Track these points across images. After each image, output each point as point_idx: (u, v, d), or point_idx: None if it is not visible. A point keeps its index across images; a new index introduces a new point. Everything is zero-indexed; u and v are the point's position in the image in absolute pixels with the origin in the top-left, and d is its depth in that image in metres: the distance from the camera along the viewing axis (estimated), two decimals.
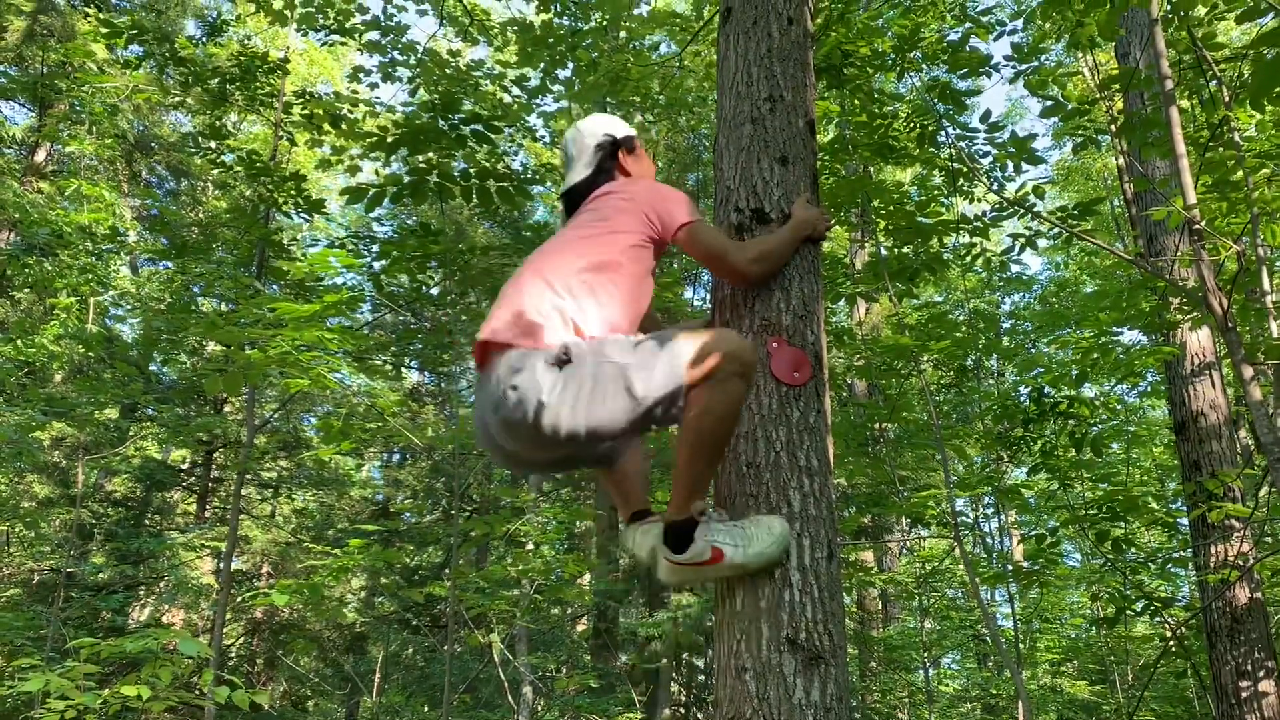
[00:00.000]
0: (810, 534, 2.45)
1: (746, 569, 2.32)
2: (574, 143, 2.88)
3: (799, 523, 2.45)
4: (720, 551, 2.29)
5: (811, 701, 2.24)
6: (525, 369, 2.24)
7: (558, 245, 2.55)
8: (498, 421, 2.30)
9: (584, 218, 2.61)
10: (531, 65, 7.22)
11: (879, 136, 6.08)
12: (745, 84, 3.10)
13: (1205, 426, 6.75)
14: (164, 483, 14.79)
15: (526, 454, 2.41)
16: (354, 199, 5.01)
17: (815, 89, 3.52)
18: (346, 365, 6.25)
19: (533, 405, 2.20)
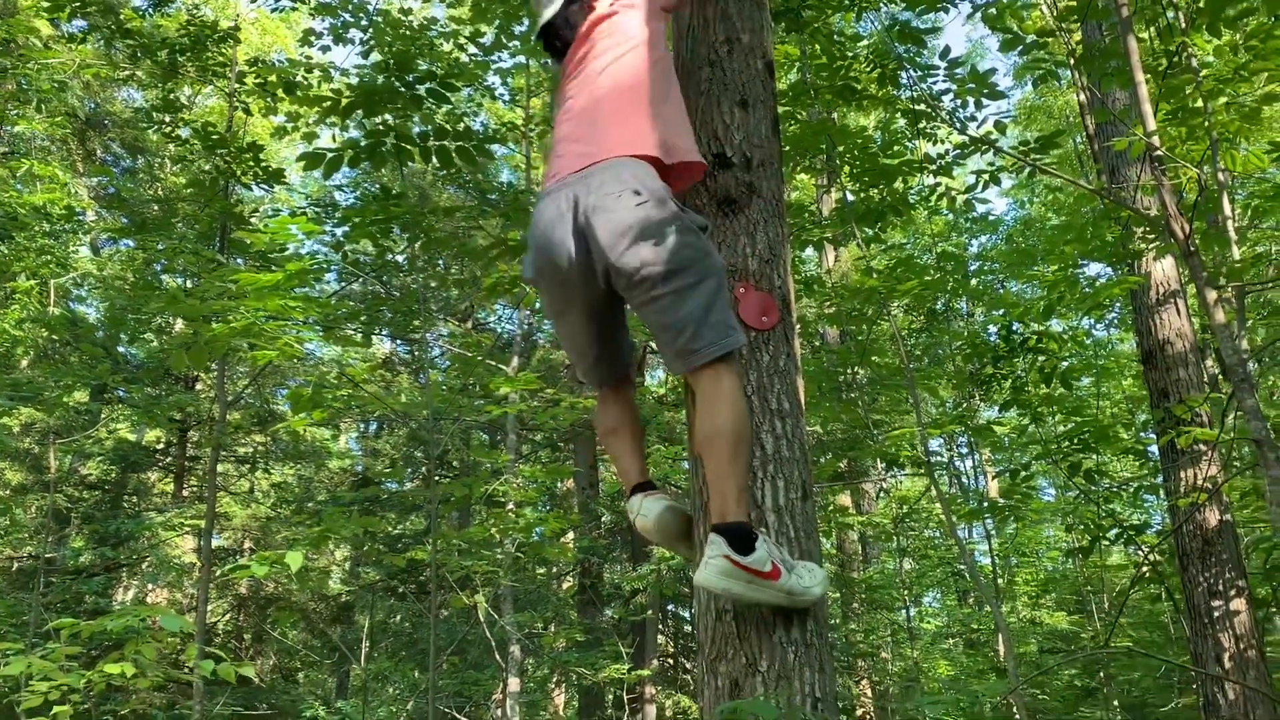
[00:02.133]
0: (784, 475, 2.46)
1: (793, 600, 2.20)
2: None
3: (772, 465, 2.46)
4: (778, 570, 2.16)
5: (792, 639, 2.27)
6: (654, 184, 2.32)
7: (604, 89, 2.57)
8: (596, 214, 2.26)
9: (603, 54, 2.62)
10: (485, 22, 7.10)
11: (840, 79, 6.04)
12: (701, 27, 3.06)
13: (1172, 354, 6.83)
14: (139, 464, 14.68)
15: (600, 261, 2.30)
16: (311, 165, 4.93)
17: (772, 30, 3.49)
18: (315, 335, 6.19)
19: (655, 217, 2.24)
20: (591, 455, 15.30)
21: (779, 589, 2.16)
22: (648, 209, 2.26)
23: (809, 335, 13.88)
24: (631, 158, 2.38)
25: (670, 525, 2.50)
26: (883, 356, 10.91)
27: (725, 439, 2.20)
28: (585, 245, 2.32)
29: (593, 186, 2.31)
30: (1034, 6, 6.19)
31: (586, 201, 2.30)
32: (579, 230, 2.32)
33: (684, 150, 2.53)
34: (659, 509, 2.48)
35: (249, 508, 16.20)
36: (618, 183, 2.29)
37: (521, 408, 8.50)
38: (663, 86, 2.59)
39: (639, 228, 2.24)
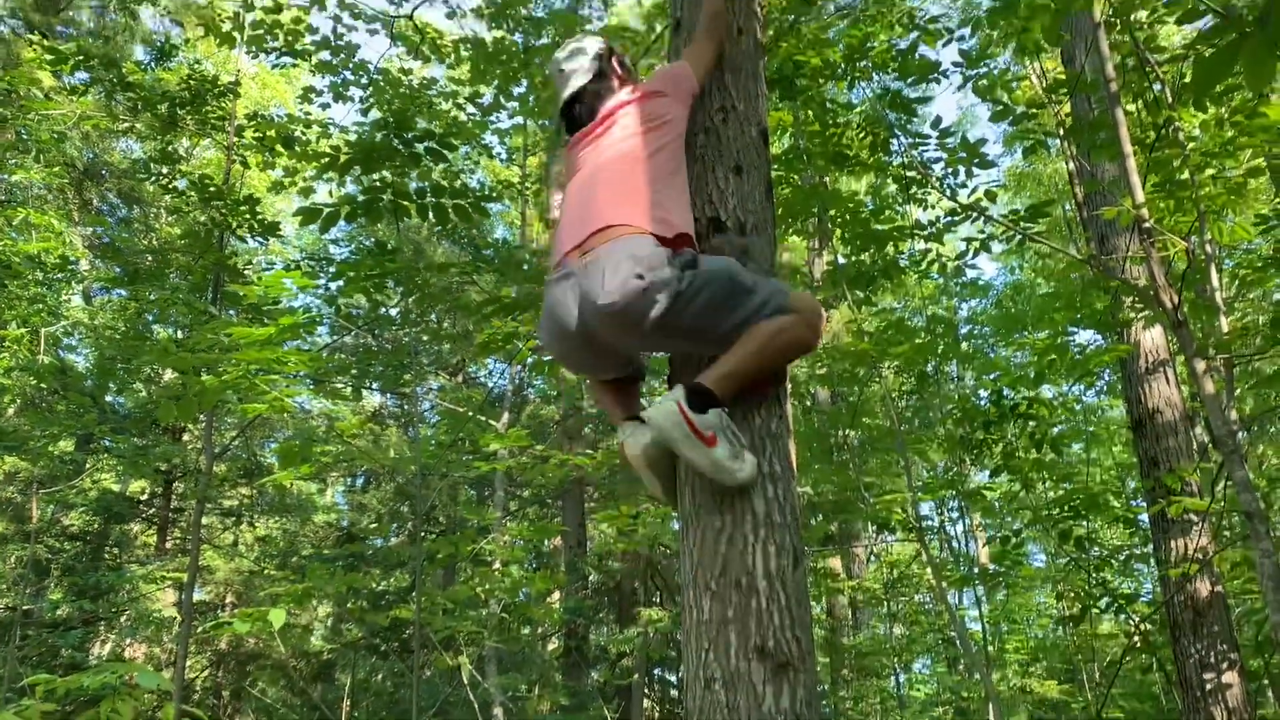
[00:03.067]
0: (775, 541, 2.44)
1: (719, 471, 2.34)
2: (565, 60, 3.08)
3: (764, 529, 2.44)
4: (715, 440, 2.32)
5: (781, 709, 2.23)
6: (648, 257, 2.40)
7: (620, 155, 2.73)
8: (609, 314, 2.38)
9: (621, 135, 2.78)
10: (485, 83, 7.20)
11: (832, 145, 6.13)
12: (697, 96, 3.11)
13: (1161, 423, 6.85)
14: (122, 515, 14.51)
15: (613, 344, 2.52)
16: (308, 220, 4.95)
17: (767, 99, 3.54)
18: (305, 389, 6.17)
19: (666, 295, 2.35)
20: (579, 513, 15.19)
21: (708, 455, 2.31)
22: (650, 291, 2.37)
23: (800, 395, 13.88)
24: (627, 235, 2.49)
25: (655, 457, 2.57)
26: (874, 418, 10.91)
27: (763, 334, 2.41)
28: (596, 335, 2.49)
29: (593, 279, 2.42)
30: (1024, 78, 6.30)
31: (593, 303, 2.42)
32: (586, 324, 2.48)
33: (680, 225, 2.61)
34: (647, 438, 2.53)
35: (232, 561, 15.98)
36: (616, 275, 2.39)
37: (510, 464, 8.46)
38: (668, 168, 2.71)
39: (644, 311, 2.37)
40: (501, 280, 8.59)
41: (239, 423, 12.75)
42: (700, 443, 2.30)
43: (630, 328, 2.41)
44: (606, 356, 2.65)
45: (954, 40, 5.89)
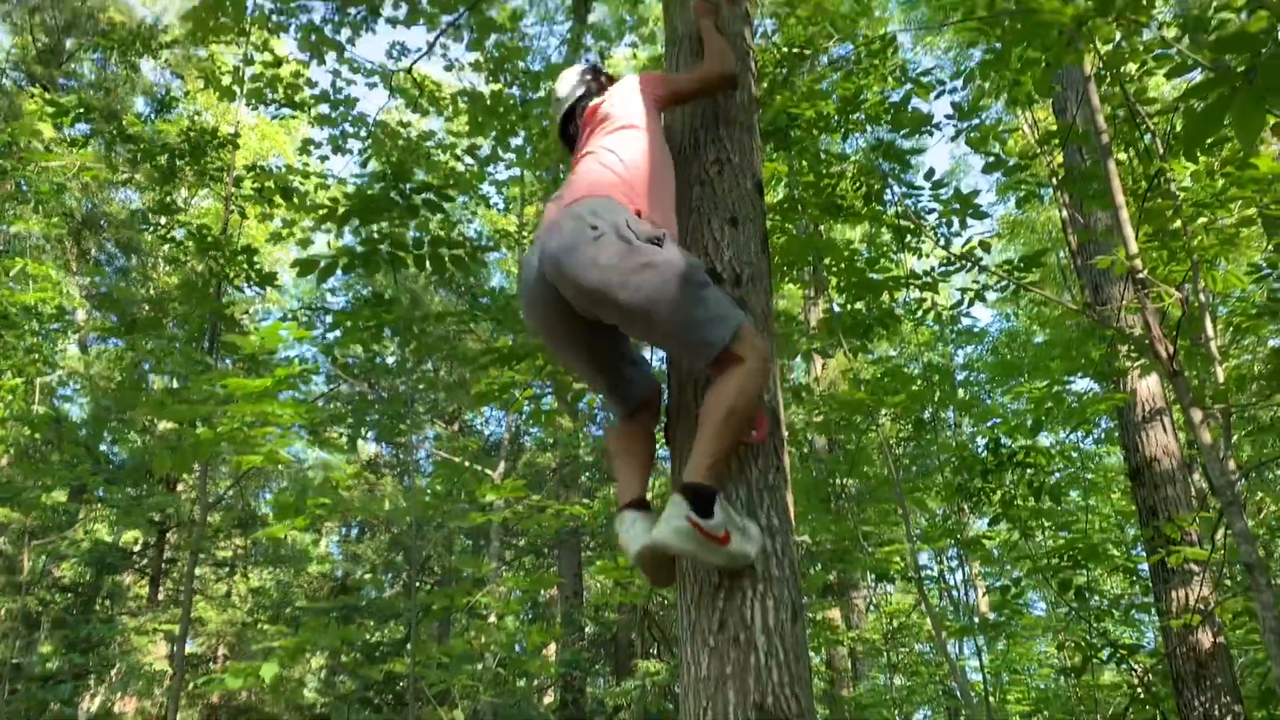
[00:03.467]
0: (774, 595, 2.42)
1: (734, 563, 2.34)
2: (559, 87, 3.25)
3: (762, 584, 2.41)
4: (729, 536, 2.29)
5: None
6: (610, 213, 2.46)
7: (589, 153, 2.83)
8: (555, 257, 2.43)
9: (596, 132, 2.92)
10: (483, 135, 7.26)
11: (827, 196, 6.17)
12: (692, 148, 3.14)
13: (1159, 471, 6.83)
14: (115, 566, 14.37)
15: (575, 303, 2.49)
16: (305, 272, 4.97)
17: (761, 151, 3.57)
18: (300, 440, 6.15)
19: (614, 242, 2.39)
20: (576, 562, 15.08)
21: (725, 553, 2.29)
22: (603, 240, 2.42)
23: (797, 443, 13.84)
24: (596, 198, 2.58)
25: (654, 557, 2.46)
26: (871, 466, 10.87)
27: (720, 409, 2.34)
28: (553, 290, 2.51)
29: (554, 233, 2.50)
30: (1015, 129, 6.37)
31: (549, 249, 2.48)
32: (544, 276, 2.52)
33: (654, 217, 2.66)
34: (648, 539, 2.39)
35: (225, 613, 15.81)
36: (574, 221, 2.47)
37: (506, 515, 8.41)
38: (642, 165, 2.78)
39: (596, 256, 2.40)
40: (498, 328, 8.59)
41: (233, 472, 12.69)
42: (717, 545, 2.27)
43: (578, 278, 2.40)
44: (582, 334, 2.62)
45: (946, 92, 5.96)
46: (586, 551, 15.84)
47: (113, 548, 14.61)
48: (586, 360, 2.72)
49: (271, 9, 6.85)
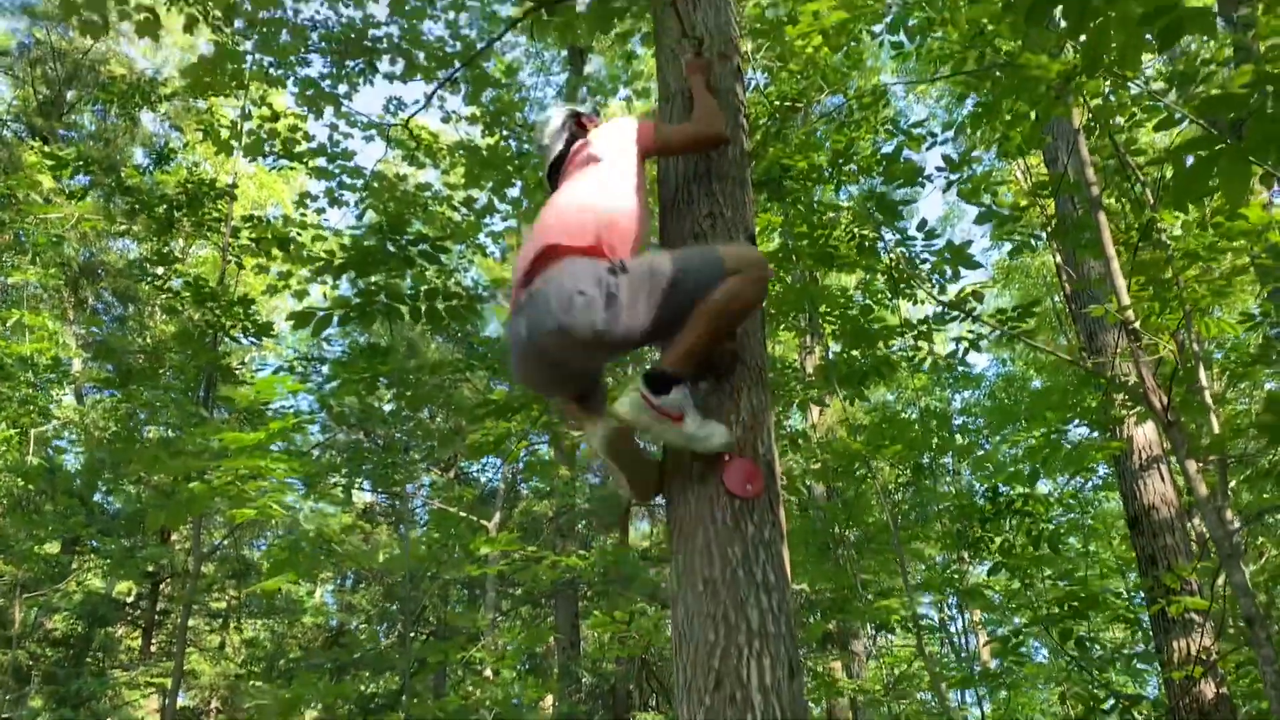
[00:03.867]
0: (770, 652, 2.39)
1: (692, 443, 2.51)
2: (543, 133, 3.31)
3: (758, 641, 2.39)
4: (683, 415, 2.47)
5: None
6: (590, 273, 2.54)
7: (568, 196, 2.89)
8: (554, 329, 2.51)
9: (577, 173, 3.00)
10: (479, 186, 7.31)
11: (821, 245, 6.21)
12: (686, 202, 3.16)
13: (1158, 520, 6.80)
14: (107, 618, 14.21)
15: (571, 363, 2.68)
16: (301, 324, 4.97)
17: (754, 204, 3.60)
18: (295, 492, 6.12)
19: (601, 306, 2.48)
20: (573, 613, 14.93)
21: (679, 431, 2.48)
22: (593, 301, 2.51)
23: (796, 491, 13.78)
24: (566, 258, 2.62)
25: (616, 440, 2.67)
26: (870, 514, 10.81)
27: (707, 304, 2.51)
28: (552, 355, 2.63)
29: (545, 310, 2.55)
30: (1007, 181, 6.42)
31: (543, 326, 2.55)
32: (541, 348, 2.61)
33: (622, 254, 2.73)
34: (608, 425, 2.67)
35: (218, 665, 15.62)
36: (559, 295, 2.54)
37: (502, 568, 8.34)
38: (612, 202, 2.83)
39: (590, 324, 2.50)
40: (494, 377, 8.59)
41: (228, 523, 12.60)
42: (668, 420, 2.46)
43: (579, 342, 2.53)
44: (569, 372, 2.77)
45: (938, 144, 6.02)
46: (584, 601, 15.71)
47: (105, 599, 14.47)
48: (577, 390, 2.89)
49: (270, 63, 6.93)
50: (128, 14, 5.70)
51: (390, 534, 16.88)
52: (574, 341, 2.53)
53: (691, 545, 2.54)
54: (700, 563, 2.51)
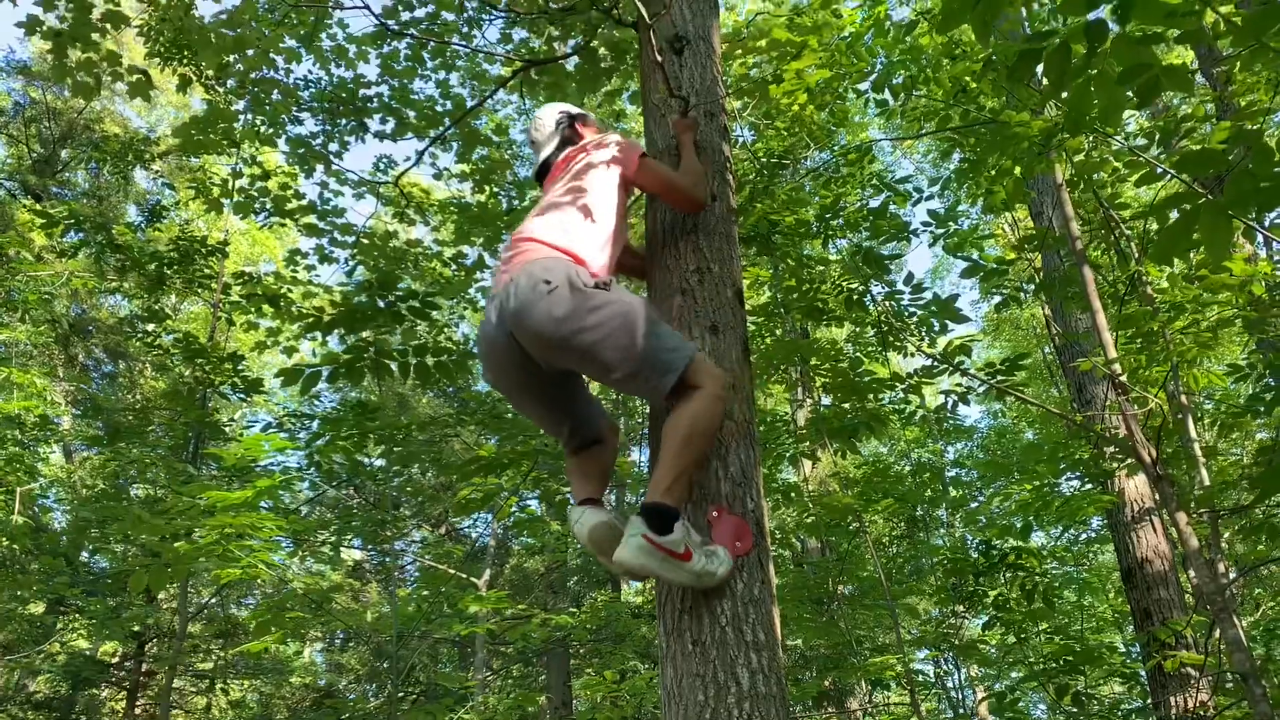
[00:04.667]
0: (761, 714, 2.35)
1: (701, 580, 2.39)
2: (536, 129, 3.35)
3: (748, 702, 2.35)
4: (690, 553, 2.36)
5: None
6: (561, 269, 2.58)
7: (551, 201, 2.95)
8: (513, 312, 2.55)
9: (563, 179, 3.05)
10: (469, 242, 7.35)
11: (810, 299, 6.24)
12: (674, 258, 3.17)
13: (1151, 573, 6.77)
14: (91, 680, 13.95)
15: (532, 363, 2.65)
16: (290, 381, 4.96)
17: (741, 259, 3.61)
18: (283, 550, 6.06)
19: (564, 301, 2.50)
20: (564, 671, 14.74)
21: (688, 570, 2.36)
22: (557, 294, 2.55)
23: (788, 544, 13.68)
24: (543, 254, 2.71)
25: (602, 537, 2.66)
26: (863, 569, 10.74)
27: (679, 432, 2.45)
28: (518, 344, 2.63)
29: (511, 293, 2.61)
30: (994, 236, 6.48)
31: (508, 308, 2.60)
32: (503, 333, 2.64)
33: (596, 267, 2.81)
34: (595, 520, 2.68)
35: None
36: (528, 279, 2.59)
37: (491, 627, 8.24)
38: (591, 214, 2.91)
39: (551, 309, 2.53)
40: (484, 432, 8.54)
41: (215, 582, 12.46)
42: (679, 562, 2.35)
43: (541, 333, 2.53)
44: (532, 376, 2.73)
45: (924, 199, 6.08)
46: (575, 659, 15.51)
47: (90, 661, 14.22)
48: (546, 407, 2.86)
49: (262, 121, 6.99)
50: (120, 76, 5.76)
51: (380, 592, 16.69)
52: (531, 331, 2.54)
53: (679, 604, 2.51)
54: (689, 622, 2.49)
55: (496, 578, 14.65)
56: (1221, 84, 5.44)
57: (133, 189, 17.24)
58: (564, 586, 14.90)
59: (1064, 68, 2.60)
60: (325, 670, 19.17)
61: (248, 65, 6.35)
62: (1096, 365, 3.62)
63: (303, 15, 6.27)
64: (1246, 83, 4.24)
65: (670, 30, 3.70)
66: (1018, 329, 18.71)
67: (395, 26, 6.21)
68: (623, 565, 2.36)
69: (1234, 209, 2.09)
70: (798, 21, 6.05)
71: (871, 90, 6.11)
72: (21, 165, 16.31)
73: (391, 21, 6.21)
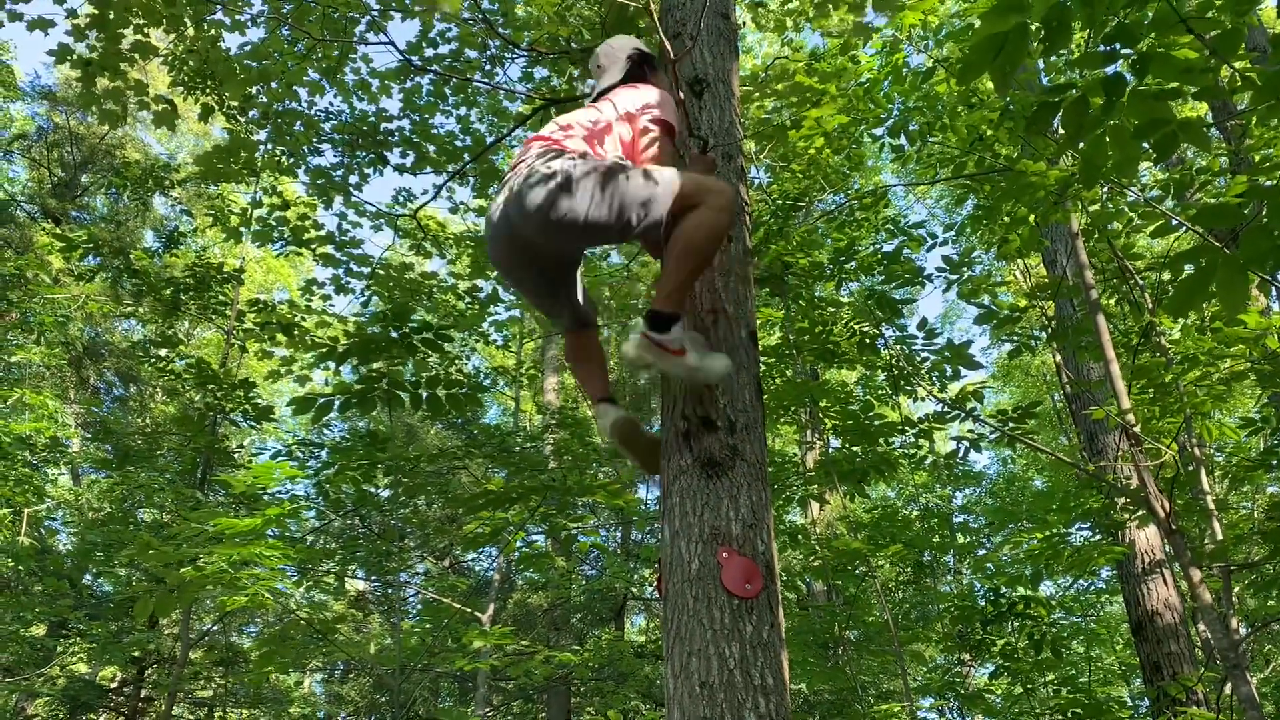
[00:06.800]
0: None
1: (695, 374, 2.66)
2: (605, 55, 3.45)
3: None
4: (684, 350, 2.62)
5: None
6: (559, 159, 2.73)
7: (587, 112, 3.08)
8: (513, 198, 2.72)
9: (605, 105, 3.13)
10: (484, 276, 7.39)
11: (822, 341, 6.25)
12: (689, 299, 3.18)
13: (1162, 626, 6.69)
14: (89, 704, 13.85)
15: (533, 247, 2.85)
16: (301, 410, 4.98)
17: (755, 300, 3.63)
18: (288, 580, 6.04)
19: (557, 185, 2.65)
20: (565, 710, 14.60)
21: (682, 364, 2.63)
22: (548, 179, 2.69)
23: (794, 587, 13.59)
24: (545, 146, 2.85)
25: (625, 429, 2.98)
26: (869, 613, 10.66)
27: (678, 244, 2.65)
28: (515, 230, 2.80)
29: (513, 188, 2.77)
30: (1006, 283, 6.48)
31: (511, 205, 2.77)
32: (510, 223, 2.79)
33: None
34: (616, 415, 2.99)
35: None
36: (526, 171, 2.75)
37: (494, 663, 8.18)
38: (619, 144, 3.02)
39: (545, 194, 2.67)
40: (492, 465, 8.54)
41: (218, 609, 12.41)
42: (672, 356, 2.60)
43: (533, 216, 2.69)
44: (534, 259, 2.93)
45: (938, 245, 6.10)
46: (576, 696, 15.38)
47: (89, 685, 14.14)
48: (547, 294, 3.10)
49: (282, 152, 7.07)
50: (146, 104, 5.84)
51: (382, 623, 16.60)
52: (529, 216, 2.70)
53: (688, 646, 2.49)
54: (697, 664, 2.47)
55: (500, 612, 14.57)
56: (1236, 137, 5.47)
57: (151, 215, 17.39)
58: (567, 623, 14.80)
59: (1081, 120, 2.63)
60: (325, 701, 19.02)
61: (271, 97, 6.44)
62: (1110, 415, 3.61)
63: (327, 49, 6.35)
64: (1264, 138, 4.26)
65: (690, 72, 3.74)
66: (1027, 375, 18.68)
67: (419, 62, 6.30)
68: (625, 357, 2.67)
69: (1250, 265, 2.10)
70: (817, 67, 6.11)
71: (888, 135, 6.15)
72: (42, 188, 16.48)
73: (415, 57, 6.29)
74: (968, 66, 2.50)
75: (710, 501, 2.74)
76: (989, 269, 12.74)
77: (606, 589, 14.02)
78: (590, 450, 8.72)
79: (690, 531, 2.70)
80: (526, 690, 15.68)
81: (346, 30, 6.21)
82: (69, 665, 14.09)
